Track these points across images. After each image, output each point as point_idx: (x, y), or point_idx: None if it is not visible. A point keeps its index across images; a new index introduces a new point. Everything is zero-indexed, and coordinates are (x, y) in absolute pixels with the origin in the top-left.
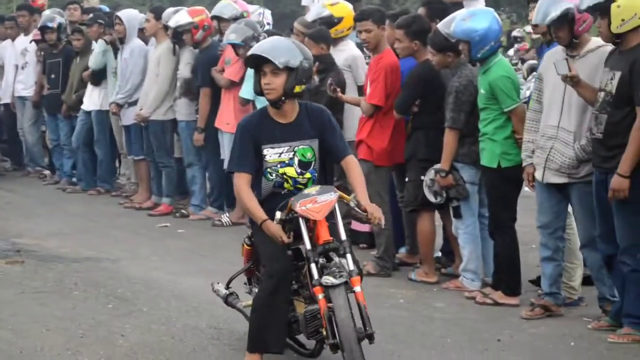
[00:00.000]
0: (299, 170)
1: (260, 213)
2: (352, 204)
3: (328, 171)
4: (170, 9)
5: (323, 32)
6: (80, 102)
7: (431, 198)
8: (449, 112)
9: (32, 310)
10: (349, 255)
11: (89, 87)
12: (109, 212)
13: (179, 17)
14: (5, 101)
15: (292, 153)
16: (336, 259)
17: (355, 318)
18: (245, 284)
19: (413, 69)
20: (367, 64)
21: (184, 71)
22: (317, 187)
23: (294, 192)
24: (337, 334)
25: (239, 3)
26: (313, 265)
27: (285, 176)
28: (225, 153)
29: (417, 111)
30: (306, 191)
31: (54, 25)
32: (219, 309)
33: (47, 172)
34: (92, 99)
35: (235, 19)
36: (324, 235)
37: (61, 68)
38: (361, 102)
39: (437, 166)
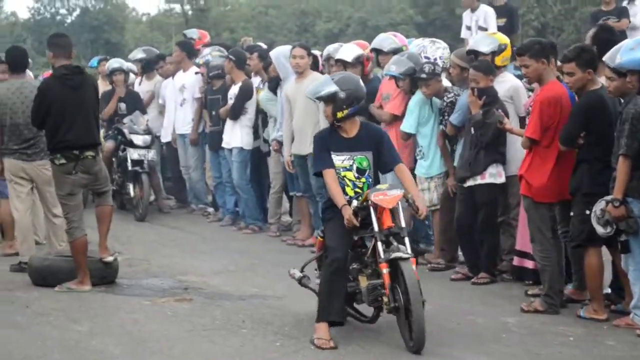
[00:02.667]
0: (356, 175)
1: (342, 199)
2: (410, 200)
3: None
4: (335, 44)
5: (489, 63)
6: None
7: (599, 229)
8: (624, 139)
9: (202, 348)
10: (406, 239)
11: (229, 123)
12: (272, 249)
13: (350, 49)
14: (167, 139)
15: (352, 161)
16: (394, 243)
17: None
18: (315, 269)
19: (579, 100)
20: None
21: None
22: (387, 185)
23: (353, 197)
24: (401, 299)
25: (398, 37)
26: (380, 244)
27: (345, 179)
28: None
29: (582, 143)
30: (378, 187)
31: (200, 62)
32: (383, 346)
33: (210, 209)
34: (234, 136)
35: (394, 52)
36: (388, 221)
37: (221, 105)
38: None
39: (609, 197)
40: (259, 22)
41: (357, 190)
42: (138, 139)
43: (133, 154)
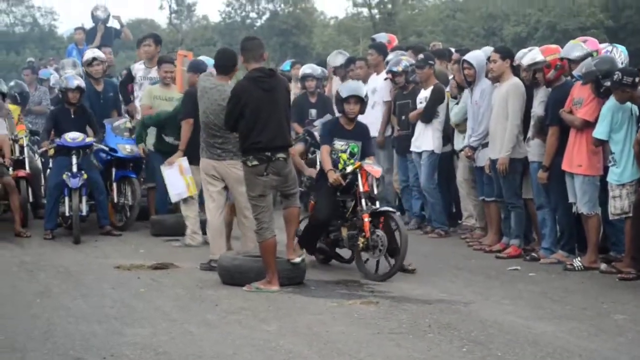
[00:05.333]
0: (348, 156)
1: (329, 165)
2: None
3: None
4: (525, 49)
5: None
6: None
7: None
8: None
9: (389, 351)
10: (377, 202)
11: (420, 126)
12: (459, 253)
13: (533, 55)
14: None
15: (347, 146)
16: (369, 203)
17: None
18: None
19: None
20: None
21: (538, 109)
22: (372, 160)
23: (341, 170)
24: (381, 241)
25: (589, 42)
26: (364, 200)
27: (340, 158)
28: (577, 196)
29: None
30: (367, 160)
31: (399, 69)
32: (575, 356)
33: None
34: (425, 139)
35: (584, 58)
36: (366, 186)
37: (410, 109)
38: None
39: None
40: (446, 26)
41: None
42: None
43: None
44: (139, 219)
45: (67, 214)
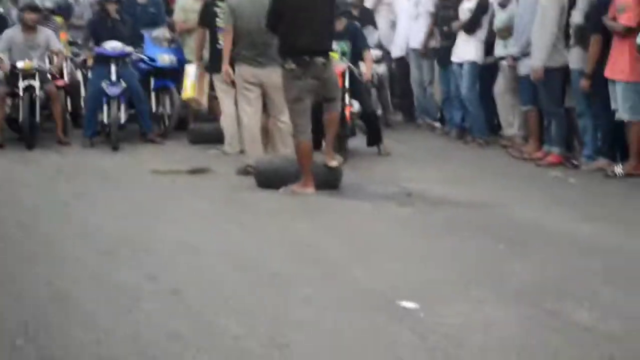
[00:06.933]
0: (340, 56)
1: None
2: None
3: None
4: None
5: None
6: None
7: None
8: None
9: (422, 248)
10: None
11: (462, 36)
12: (498, 161)
13: None
14: (397, 55)
15: (337, 45)
16: None
17: None
18: None
19: None
20: None
21: (576, 17)
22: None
23: None
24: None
25: None
26: None
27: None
28: (619, 102)
29: None
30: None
31: None
32: (611, 252)
33: (437, 124)
34: (467, 50)
35: None
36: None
37: (453, 20)
38: None
39: None
40: None
41: None
42: None
43: (362, 68)
44: (177, 128)
45: (105, 122)
